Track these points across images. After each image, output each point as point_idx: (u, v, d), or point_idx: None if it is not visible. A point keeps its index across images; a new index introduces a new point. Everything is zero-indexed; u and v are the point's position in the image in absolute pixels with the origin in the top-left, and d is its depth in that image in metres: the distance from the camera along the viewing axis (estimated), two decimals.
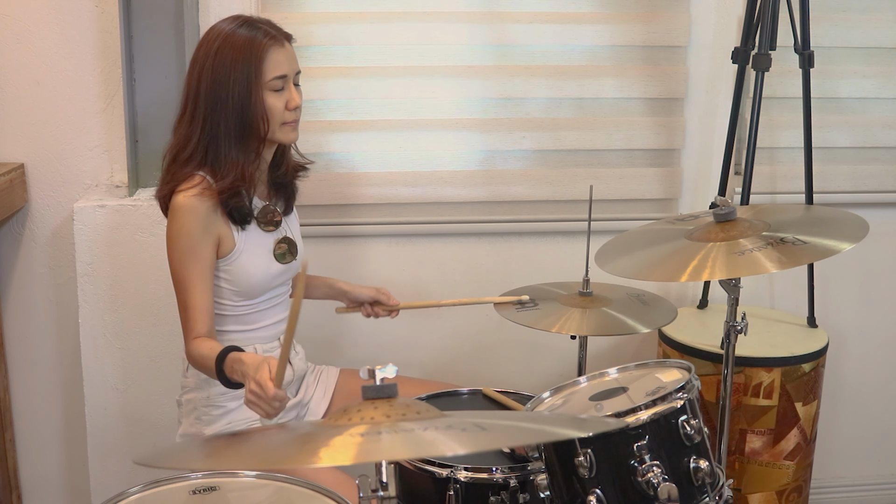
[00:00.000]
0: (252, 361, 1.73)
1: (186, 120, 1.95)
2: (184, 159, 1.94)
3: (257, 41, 1.91)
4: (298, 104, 1.98)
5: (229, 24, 1.94)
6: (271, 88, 1.93)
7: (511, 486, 1.77)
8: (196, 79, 1.93)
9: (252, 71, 1.90)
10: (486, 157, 2.62)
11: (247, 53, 1.90)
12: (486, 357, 2.70)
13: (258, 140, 1.96)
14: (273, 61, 1.92)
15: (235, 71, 1.90)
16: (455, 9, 2.53)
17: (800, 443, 2.43)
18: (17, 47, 2.42)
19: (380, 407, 1.24)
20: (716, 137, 2.65)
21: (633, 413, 1.63)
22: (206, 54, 1.92)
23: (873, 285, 2.83)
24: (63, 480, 2.69)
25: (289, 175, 2.12)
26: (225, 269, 1.98)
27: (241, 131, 1.93)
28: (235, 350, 1.82)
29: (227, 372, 1.80)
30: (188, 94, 1.95)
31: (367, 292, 2.24)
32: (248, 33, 1.91)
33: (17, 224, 2.53)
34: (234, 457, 1.28)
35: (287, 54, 1.95)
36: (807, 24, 2.46)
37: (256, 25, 1.94)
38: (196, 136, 1.93)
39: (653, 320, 2.14)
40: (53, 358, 2.61)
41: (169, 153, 1.98)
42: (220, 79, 1.90)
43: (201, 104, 1.92)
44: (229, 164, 1.92)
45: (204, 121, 1.92)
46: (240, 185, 1.93)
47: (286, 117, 1.96)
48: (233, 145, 1.93)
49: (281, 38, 1.94)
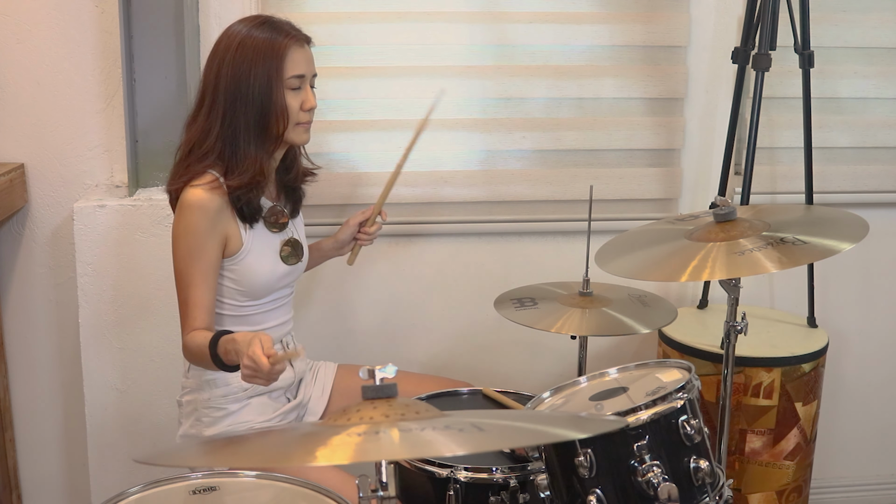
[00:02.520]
0: (243, 339, 1.72)
1: (203, 114, 1.96)
2: (202, 153, 1.95)
3: (280, 38, 1.94)
4: (314, 105, 2.00)
5: (249, 22, 1.97)
6: (289, 87, 1.95)
7: (511, 486, 1.77)
8: (215, 74, 1.94)
9: (273, 67, 1.92)
10: (486, 157, 2.62)
11: (269, 50, 1.92)
12: (486, 357, 2.70)
13: (274, 138, 1.97)
14: (293, 60, 1.94)
15: (257, 66, 1.91)
16: (455, 9, 2.53)
17: (800, 443, 2.43)
18: (17, 47, 2.42)
19: (379, 407, 1.24)
20: (716, 137, 2.65)
21: (633, 413, 1.63)
22: (227, 49, 1.94)
23: (873, 285, 2.83)
24: (63, 480, 2.69)
25: (298, 179, 2.13)
26: (231, 269, 1.98)
27: (259, 128, 1.94)
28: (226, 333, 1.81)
29: (221, 355, 1.79)
30: (205, 89, 1.96)
31: (346, 230, 2.27)
32: (270, 31, 1.95)
33: (17, 224, 2.53)
34: (232, 455, 1.28)
35: (306, 55, 1.98)
36: (807, 24, 2.46)
37: (279, 25, 1.97)
38: (216, 129, 1.94)
39: (653, 320, 2.14)
40: (53, 358, 2.61)
41: (184, 147, 1.98)
42: (241, 74, 1.92)
43: (220, 99, 1.93)
44: (248, 160, 1.93)
45: (224, 115, 1.93)
46: (260, 179, 1.94)
47: (301, 118, 1.98)
48: (252, 141, 1.94)
49: (301, 39, 1.98)
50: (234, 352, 1.75)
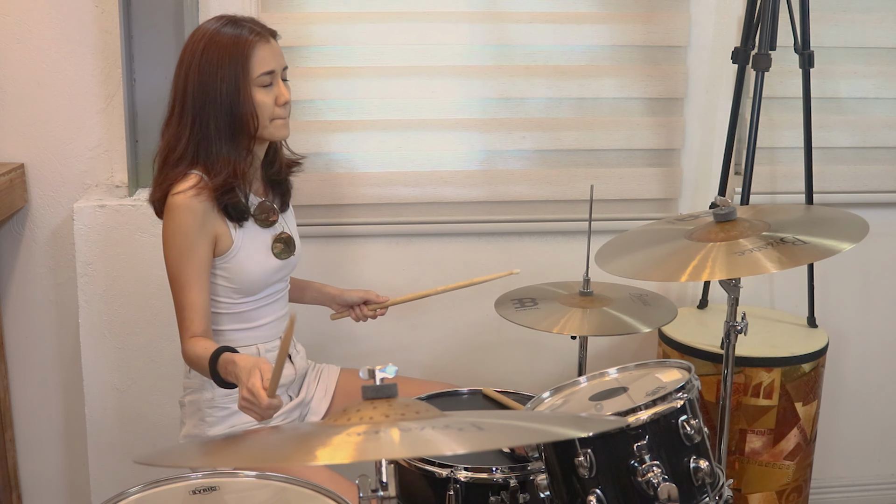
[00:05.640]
0: (244, 364, 1.72)
1: (175, 121, 1.95)
2: (174, 160, 1.94)
3: (243, 38, 1.91)
4: (288, 99, 1.98)
5: (214, 23, 1.95)
6: (259, 85, 1.93)
7: (511, 486, 1.77)
8: (183, 79, 1.93)
9: (239, 68, 1.90)
10: (486, 157, 2.62)
11: (233, 51, 1.90)
12: (486, 357, 2.70)
13: (248, 137, 1.96)
14: (259, 58, 1.92)
15: (222, 69, 1.90)
16: (455, 9, 2.53)
17: (800, 443, 2.43)
18: (17, 47, 2.42)
19: (379, 407, 1.24)
20: (716, 137, 2.65)
21: (633, 413, 1.63)
22: (193, 54, 1.92)
23: (873, 285, 2.83)
24: (63, 480, 2.69)
25: (282, 172, 2.12)
26: (223, 267, 1.98)
27: (231, 129, 1.93)
28: (228, 350, 1.82)
29: (220, 373, 1.80)
30: (175, 96, 1.95)
31: (355, 294, 2.26)
32: (233, 31, 1.92)
33: (17, 224, 2.53)
34: (232, 455, 1.28)
35: (273, 50, 1.95)
36: (807, 24, 2.46)
37: (241, 23, 1.94)
38: (185, 136, 1.93)
39: (653, 320, 2.14)
40: (53, 358, 2.61)
41: (159, 156, 1.98)
42: (207, 78, 1.90)
43: (189, 104, 1.92)
44: (221, 162, 1.92)
45: (193, 121, 1.92)
46: (232, 182, 1.93)
47: (276, 113, 1.96)
48: (223, 143, 1.93)
49: (266, 35, 1.95)
50: (233, 374, 1.75)
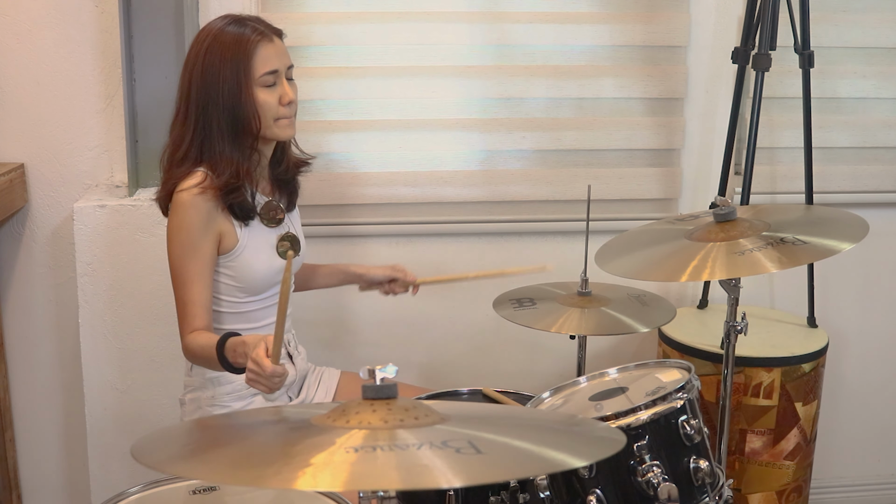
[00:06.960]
0: (252, 340, 1.73)
1: (180, 121, 1.96)
2: (178, 160, 1.95)
3: (245, 38, 1.90)
4: (292, 98, 1.97)
5: (219, 22, 1.94)
6: (263, 84, 1.92)
7: (511, 486, 1.76)
8: (187, 79, 1.93)
9: (241, 68, 1.90)
10: (486, 157, 2.62)
11: (235, 51, 1.90)
12: (486, 357, 2.70)
13: (252, 137, 1.95)
14: (262, 57, 1.91)
15: (224, 69, 1.90)
16: (455, 9, 2.53)
17: (800, 443, 2.43)
18: (17, 47, 2.42)
19: (378, 410, 1.22)
20: (716, 137, 2.65)
21: (632, 413, 1.63)
22: (197, 54, 1.92)
23: (873, 285, 2.83)
24: (63, 480, 2.69)
25: (290, 171, 2.12)
26: (227, 266, 1.98)
27: (234, 129, 1.93)
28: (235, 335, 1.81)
29: (229, 357, 1.79)
30: (181, 95, 1.96)
31: (382, 272, 2.25)
32: (236, 31, 1.91)
33: (17, 224, 2.53)
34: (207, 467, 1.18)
35: (277, 49, 1.94)
36: (807, 24, 2.46)
37: (245, 23, 1.93)
38: (189, 136, 1.93)
39: (652, 320, 2.13)
40: (53, 358, 2.61)
41: (165, 154, 1.98)
42: (209, 78, 1.90)
43: (193, 104, 1.92)
44: (224, 162, 1.92)
45: (196, 121, 1.92)
46: (235, 181, 1.93)
47: (280, 112, 1.95)
48: (227, 143, 1.93)
49: (269, 34, 1.94)
50: (242, 354, 1.75)
